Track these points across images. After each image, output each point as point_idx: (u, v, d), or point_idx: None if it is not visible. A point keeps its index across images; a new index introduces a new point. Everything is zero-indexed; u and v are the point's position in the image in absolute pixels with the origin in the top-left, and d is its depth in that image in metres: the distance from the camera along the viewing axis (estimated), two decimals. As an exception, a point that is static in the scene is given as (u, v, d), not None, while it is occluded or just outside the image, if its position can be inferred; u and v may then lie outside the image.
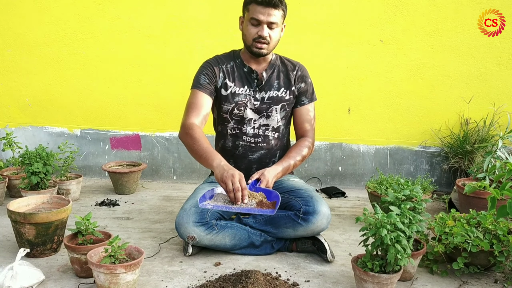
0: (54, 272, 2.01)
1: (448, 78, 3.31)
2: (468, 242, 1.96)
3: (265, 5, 2.13)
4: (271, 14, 2.14)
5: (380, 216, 1.75)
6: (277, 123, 2.35)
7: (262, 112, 2.32)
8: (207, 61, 2.35)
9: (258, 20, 2.15)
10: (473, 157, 3.17)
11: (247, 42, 2.23)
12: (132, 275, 1.77)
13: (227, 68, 2.32)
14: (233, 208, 1.93)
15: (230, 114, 2.32)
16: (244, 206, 1.94)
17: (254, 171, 2.32)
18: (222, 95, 2.30)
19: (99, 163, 3.56)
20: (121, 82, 3.48)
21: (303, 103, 2.38)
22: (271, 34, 2.19)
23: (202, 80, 2.28)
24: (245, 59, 2.33)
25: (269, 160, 2.38)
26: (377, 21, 3.28)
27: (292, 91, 2.35)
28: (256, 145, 2.34)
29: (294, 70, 2.37)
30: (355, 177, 3.49)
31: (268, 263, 2.13)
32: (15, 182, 2.99)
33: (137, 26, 3.40)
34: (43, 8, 3.40)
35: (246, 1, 2.21)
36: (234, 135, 2.35)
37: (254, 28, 2.18)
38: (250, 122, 2.32)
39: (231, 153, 2.37)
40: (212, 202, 1.97)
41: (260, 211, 1.92)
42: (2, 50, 3.48)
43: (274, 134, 2.36)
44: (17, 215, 2.09)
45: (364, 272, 1.76)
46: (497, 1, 3.16)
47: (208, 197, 1.99)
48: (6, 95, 3.54)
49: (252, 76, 2.31)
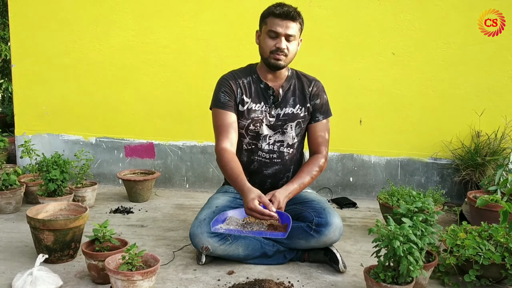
0: (71, 278, 2.06)
1: (459, 91, 3.33)
2: (480, 255, 1.98)
3: (283, 17, 2.16)
4: (289, 26, 2.17)
5: (393, 228, 1.77)
6: (292, 139, 2.35)
7: (277, 128, 2.33)
8: (224, 77, 2.35)
9: (276, 32, 2.17)
10: (484, 170, 3.18)
11: (265, 55, 2.24)
12: (148, 282, 1.81)
13: (244, 84, 2.32)
14: (245, 232, 1.98)
15: (246, 129, 2.32)
16: (255, 230, 1.98)
17: (268, 185, 2.36)
18: (239, 111, 2.31)
19: (114, 171, 3.61)
20: (136, 92, 3.54)
21: (318, 119, 2.37)
22: (289, 47, 2.21)
23: (222, 98, 2.28)
24: (261, 74, 2.34)
25: (283, 175, 2.39)
26: (389, 34, 3.32)
27: (307, 107, 2.35)
28: (271, 161, 2.35)
29: (310, 86, 2.37)
30: (366, 188, 3.51)
31: (281, 272, 2.16)
32: (32, 189, 3.05)
33: (153, 37, 3.47)
34: (62, 18, 3.49)
35: (263, 15, 2.24)
36: (249, 150, 2.36)
37: (272, 41, 2.20)
38: (265, 138, 2.33)
39: (246, 168, 2.36)
40: (225, 225, 2.01)
41: (272, 234, 1.96)
42: (22, 60, 3.56)
43: (289, 150, 2.37)
44: (36, 221, 2.15)
45: (376, 283, 1.78)
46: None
47: (221, 220, 2.03)
48: (24, 103, 3.62)
49: (269, 93, 2.32)
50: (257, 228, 2.00)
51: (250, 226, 2.01)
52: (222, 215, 2.05)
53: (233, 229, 1.99)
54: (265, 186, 2.38)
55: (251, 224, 2.02)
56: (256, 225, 2.02)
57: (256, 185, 2.37)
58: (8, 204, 2.89)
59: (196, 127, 3.51)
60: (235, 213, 2.08)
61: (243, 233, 1.98)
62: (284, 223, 2.00)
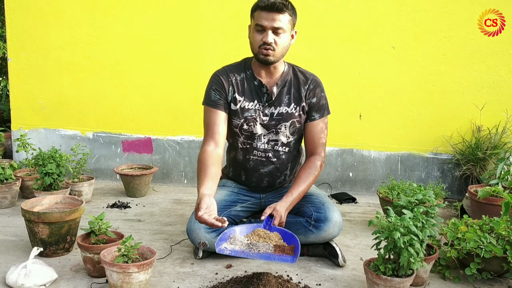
0: (66, 272, 2.03)
1: (460, 85, 3.30)
2: (481, 248, 1.95)
3: (268, 9, 2.05)
4: (275, 19, 2.06)
5: (393, 219, 1.74)
6: (286, 138, 2.27)
7: (271, 128, 2.24)
8: (216, 73, 2.27)
9: (262, 26, 2.07)
10: (485, 164, 3.15)
11: (254, 50, 2.15)
12: (144, 274, 1.78)
13: (237, 81, 2.24)
14: (252, 254, 1.88)
15: (240, 129, 2.25)
16: (262, 252, 1.89)
17: (265, 184, 2.33)
18: (231, 110, 2.23)
19: (111, 166, 3.58)
20: (133, 86, 3.51)
21: (314, 118, 2.28)
22: (277, 40, 2.09)
23: (213, 96, 2.21)
24: (255, 70, 2.24)
25: (280, 173, 2.34)
26: (389, 27, 3.29)
27: (302, 107, 2.25)
28: (267, 160, 2.28)
29: (306, 84, 2.26)
30: (365, 183, 3.48)
31: (279, 266, 2.13)
32: (28, 183, 3.02)
33: (150, 30, 3.43)
34: (59, 12, 3.45)
35: (252, 8, 2.14)
36: (244, 149, 2.29)
37: (259, 35, 2.09)
38: (260, 138, 2.26)
39: (242, 166, 2.33)
40: (229, 245, 1.92)
41: (280, 259, 1.86)
42: (18, 53, 3.53)
43: (284, 149, 2.29)
44: (31, 214, 2.12)
45: (376, 276, 1.75)
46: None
47: (225, 239, 1.94)
48: (21, 98, 3.59)
49: (262, 91, 2.23)
50: (263, 250, 1.90)
51: (255, 247, 1.91)
52: (225, 233, 1.95)
53: (239, 251, 1.88)
54: (262, 185, 2.35)
55: (257, 245, 1.92)
56: (262, 245, 1.92)
57: (254, 184, 2.36)
58: (3, 198, 2.85)
59: (194, 122, 3.47)
60: (238, 230, 1.98)
61: (250, 256, 1.87)
62: (290, 245, 1.92)
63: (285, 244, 1.94)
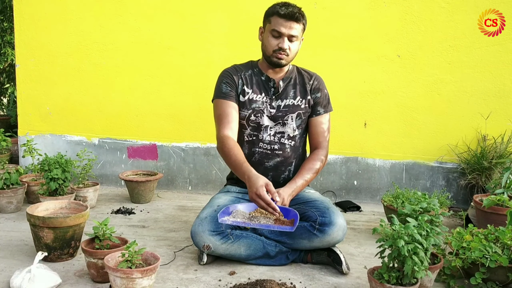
0: (70, 277, 2.03)
1: (465, 94, 3.29)
2: (486, 257, 1.94)
3: (288, 18, 2.18)
4: (293, 27, 2.20)
5: (397, 227, 1.74)
6: (293, 131, 2.37)
7: (278, 119, 2.35)
8: (225, 70, 2.40)
9: (279, 32, 2.20)
10: (491, 174, 3.14)
11: (267, 53, 2.28)
12: (148, 280, 1.78)
13: (245, 76, 2.37)
14: (252, 224, 1.97)
15: (247, 120, 2.34)
16: (263, 223, 1.97)
17: (270, 179, 2.33)
18: (240, 101, 2.34)
19: (116, 172, 3.59)
20: (139, 93, 3.53)
21: (319, 113, 2.40)
22: (291, 46, 2.24)
23: (224, 89, 2.33)
24: (262, 68, 2.38)
25: (284, 168, 2.39)
26: (394, 36, 3.30)
27: (308, 100, 2.38)
28: (272, 152, 2.36)
29: (311, 80, 2.41)
30: (370, 192, 3.47)
31: (283, 273, 2.13)
32: (33, 188, 3.04)
33: (157, 38, 3.46)
34: (66, 19, 3.49)
35: (268, 13, 2.26)
36: (250, 142, 2.37)
37: (275, 40, 2.23)
38: (266, 129, 2.35)
39: (248, 160, 2.33)
40: (231, 218, 2.00)
41: (279, 228, 1.95)
42: (26, 60, 3.56)
43: (290, 143, 2.37)
44: (36, 218, 2.13)
45: (380, 284, 1.75)
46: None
47: (228, 213, 2.02)
48: (28, 104, 3.62)
49: (270, 84, 2.36)
50: (264, 221, 1.98)
51: (257, 219, 2.00)
52: (228, 208, 2.03)
53: (240, 221, 1.97)
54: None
55: (258, 218, 2.02)
56: (263, 218, 2.01)
57: None
58: (9, 203, 2.87)
59: (199, 129, 3.49)
60: (242, 207, 2.08)
61: (250, 225, 1.97)
62: (290, 219, 1.99)
63: (286, 219, 2.00)
